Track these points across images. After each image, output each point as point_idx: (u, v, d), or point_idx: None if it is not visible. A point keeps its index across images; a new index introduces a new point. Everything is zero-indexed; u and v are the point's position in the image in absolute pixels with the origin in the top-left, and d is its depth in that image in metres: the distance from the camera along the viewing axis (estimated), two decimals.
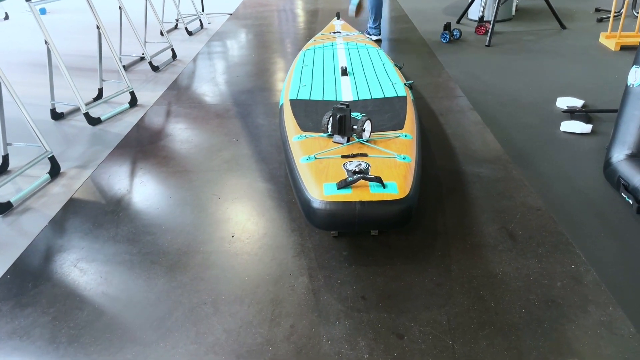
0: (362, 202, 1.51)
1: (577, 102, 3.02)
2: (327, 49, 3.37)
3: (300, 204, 1.65)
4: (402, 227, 1.66)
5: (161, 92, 3.60)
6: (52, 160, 2.46)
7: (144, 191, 2.29)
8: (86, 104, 3.06)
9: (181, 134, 2.89)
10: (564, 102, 3.04)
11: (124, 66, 4.12)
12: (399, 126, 2.04)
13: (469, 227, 1.93)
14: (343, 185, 1.55)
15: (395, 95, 2.41)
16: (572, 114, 2.87)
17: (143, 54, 4.04)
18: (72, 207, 2.19)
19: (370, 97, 2.40)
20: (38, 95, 3.52)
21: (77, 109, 3.19)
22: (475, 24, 5.03)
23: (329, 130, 1.92)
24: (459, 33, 4.56)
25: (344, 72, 2.77)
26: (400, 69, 3.05)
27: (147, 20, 4.36)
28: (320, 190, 1.58)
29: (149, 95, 3.53)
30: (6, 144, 2.48)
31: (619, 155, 2.16)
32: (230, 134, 2.86)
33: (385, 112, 2.20)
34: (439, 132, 2.77)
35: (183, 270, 1.76)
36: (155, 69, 4.06)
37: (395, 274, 1.69)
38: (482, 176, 2.30)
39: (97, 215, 2.12)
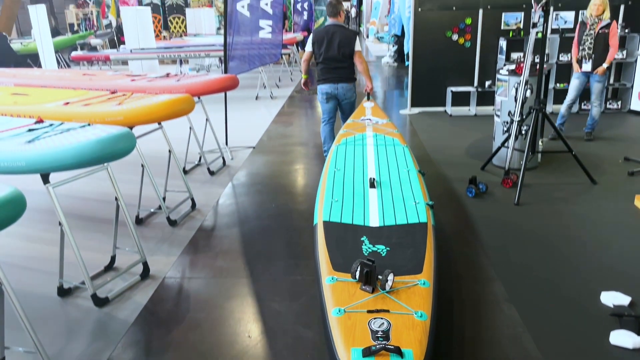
0: None
1: (624, 299, 2.75)
2: (358, 145, 3.78)
3: None
4: None
5: (176, 257, 3.45)
6: None
7: None
8: (93, 277, 2.91)
9: (190, 322, 2.68)
10: (609, 299, 2.77)
11: (141, 219, 4.04)
12: (418, 269, 2.23)
13: None
14: (367, 353, 1.73)
15: (417, 221, 2.65)
16: (620, 318, 2.60)
17: (160, 206, 3.97)
18: None
19: (394, 223, 2.65)
20: (50, 258, 3.39)
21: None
22: (498, 169, 4.94)
23: (357, 277, 2.11)
24: (485, 187, 4.43)
25: (372, 184, 3.07)
26: (423, 175, 3.35)
27: (169, 170, 4.35)
28: (347, 354, 1.75)
29: (162, 262, 3.38)
30: (3, 348, 2.29)
31: None
32: (243, 324, 2.64)
33: (406, 247, 2.42)
34: (467, 334, 2.50)
35: None
36: (172, 223, 3.96)
37: None
38: None
39: None
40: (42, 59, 8.15)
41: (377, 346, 1.74)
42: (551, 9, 4.68)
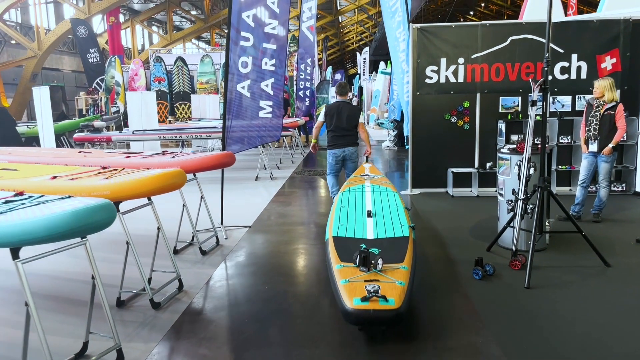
0: (375, 310, 2.63)
1: None
2: (359, 192, 4.73)
3: (340, 310, 2.74)
4: (397, 324, 2.91)
5: (155, 343, 3.13)
6: None
7: None
8: None
9: None
10: None
11: (122, 301, 3.75)
12: (401, 259, 3.15)
13: None
14: (365, 299, 2.63)
15: (402, 235, 3.56)
16: None
17: (144, 288, 3.69)
18: None
19: (385, 236, 3.56)
20: (16, 343, 3.07)
21: None
22: (505, 250, 4.69)
23: (357, 263, 3.02)
24: (492, 269, 4.17)
25: (369, 214, 3.97)
26: (409, 211, 4.25)
27: (157, 249, 4.12)
28: (351, 302, 2.66)
29: (139, 349, 3.06)
30: None
31: None
32: None
33: (393, 249, 3.31)
34: None
35: None
36: (156, 306, 3.66)
37: None
38: None
39: None
40: (42, 138, 8.18)
41: (370, 294, 2.65)
42: (548, 94, 4.76)
